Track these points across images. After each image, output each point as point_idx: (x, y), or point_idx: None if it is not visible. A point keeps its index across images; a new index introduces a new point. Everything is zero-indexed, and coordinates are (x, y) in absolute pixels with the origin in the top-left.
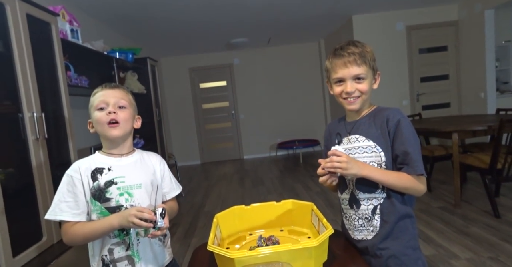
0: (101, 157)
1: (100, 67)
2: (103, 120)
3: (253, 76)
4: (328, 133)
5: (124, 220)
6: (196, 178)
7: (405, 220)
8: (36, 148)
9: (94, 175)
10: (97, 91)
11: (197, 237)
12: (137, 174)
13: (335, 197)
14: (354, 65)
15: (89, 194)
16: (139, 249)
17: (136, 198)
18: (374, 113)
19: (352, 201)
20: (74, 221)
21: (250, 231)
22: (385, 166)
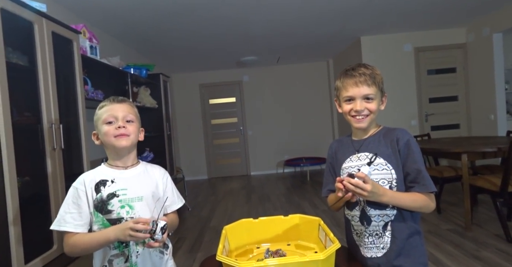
0: (105, 169)
1: (116, 82)
2: (111, 133)
3: (262, 93)
4: (333, 151)
5: (120, 234)
6: (203, 192)
7: (415, 237)
8: (53, 158)
9: (97, 187)
10: (104, 105)
11: (202, 252)
12: (139, 186)
13: (341, 216)
14: (364, 85)
15: (92, 206)
16: (138, 261)
17: (137, 211)
18: (383, 132)
19: (362, 218)
20: (75, 232)
21: (257, 244)
22: (396, 183)
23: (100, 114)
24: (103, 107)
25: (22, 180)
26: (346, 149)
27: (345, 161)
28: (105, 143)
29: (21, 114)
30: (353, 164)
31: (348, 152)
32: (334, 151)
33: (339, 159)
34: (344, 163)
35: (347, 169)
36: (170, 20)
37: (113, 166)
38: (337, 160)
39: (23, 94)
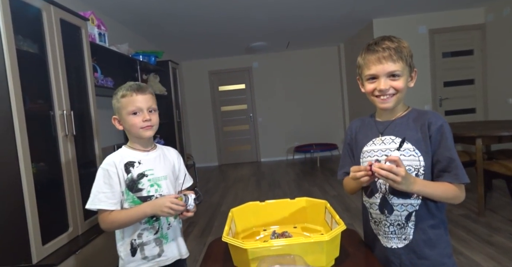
0: (130, 152)
1: (125, 69)
2: (139, 125)
3: (271, 79)
4: (353, 132)
5: (158, 209)
6: (214, 179)
7: (440, 227)
8: (65, 144)
9: (127, 168)
10: (126, 94)
11: (213, 236)
12: (162, 167)
13: (352, 201)
14: (389, 61)
15: (124, 185)
16: (168, 232)
17: (164, 188)
18: (413, 115)
19: (383, 206)
20: (111, 210)
21: (264, 226)
22: (423, 171)
23: (124, 104)
24: (125, 96)
25: (37, 166)
26: (368, 130)
27: (367, 144)
28: (131, 132)
29: (33, 102)
30: (376, 147)
31: (371, 134)
32: (354, 132)
33: (359, 141)
34: (365, 146)
35: (369, 153)
36: (177, 6)
37: (135, 149)
38: (357, 142)
39: (34, 82)
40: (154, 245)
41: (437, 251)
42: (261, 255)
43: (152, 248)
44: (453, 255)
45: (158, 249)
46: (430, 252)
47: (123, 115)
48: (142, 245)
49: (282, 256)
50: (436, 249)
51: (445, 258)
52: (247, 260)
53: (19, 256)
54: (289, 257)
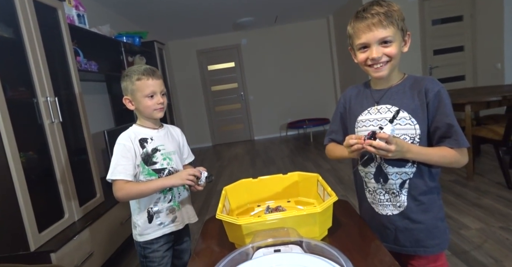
0: (142, 129)
1: (109, 52)
2: (153, 107)
3: (261, 56)
4: (346, 99)
5: (177, 180)
6: (208, 159)
7: (433, 193)
8: (52, 132)
9: (141, 143)
10: (142, 78)
11: (210, 214)
12: (170, 143)
13: (345, 174)
14: (379, 27)
15: (140, 159)
16: (180, 201)
17: (174, 162)
18: (409, 82)
19: (378, 175)
20: (127, 180)
21: (258, 202)
22: (418, 139)
23: (140, 87)
24: (141, 80)
25: (26, 155)
26: (364, 99)
27: (362, 113)
28: (143, 113)
29: (14, 89)
30: (371, 117)
31: (366, 103)
32: (348, 100)
33: (354, 110)
34: (360, 115)
35: (364, 122)
36: None
37: (146, 127)
38: (351, 111)
39: (13, 68)
40: (168, 212)
41: (431, 215)
42: (255, 230)
43: (166, 215)
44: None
45: (171, 216)
46: (424, 216)
47: (138, 97)
48: (158, 212)
49: (276, 230)
50: (430, 214)
51: (438, 222)
52: (241, 235)
53: (17, 244)
54: (282, 230)
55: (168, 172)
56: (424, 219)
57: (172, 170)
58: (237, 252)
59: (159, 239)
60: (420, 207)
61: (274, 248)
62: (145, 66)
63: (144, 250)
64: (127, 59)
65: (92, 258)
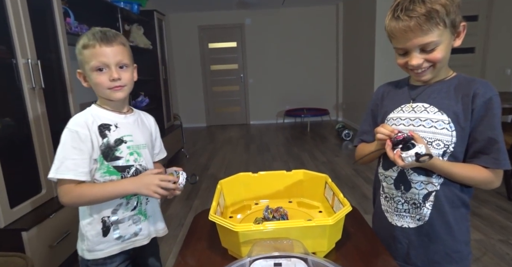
0: (104, 112)
1: (104, 17)
2: (105, 86)
3: (264, 38)
4: (379, 96)
5: (143, 188)
6: (201, 140)
7: (461, 211)
8: (33, 98)
9: (101, 131)
10: (89, 44)
11: (199, 199)
12: (141, 134)
13: (341, 168)
14: (418, 33)
15: (98, 151)
16: (147, 208)
17: (144, 158)
18: (457, 82)
19: (399, 181)
20: (79, 181)
21: (256, 200)
22: (453, 149)
23: (86, 57)
24: (88, 47)
25: (2, 121)
26: (399, 95)
27: (394, 110)
28: (96, 92)
29: None
30: (403, 115)
31: (401, 100)
32: (381, 96)
33: (386, 106)
34: (392, 112)
35: (394, 120)
36: None
37: (109, 110)
38: (383, 108)
39: None
40: (131, 223)
41: (454, 237)
42: (253, 239)
43: (128, 226)
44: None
45: (134, 228)
46: (446, 236)
47: (87, 70)
48: (117, 223)
49: (278, 241)
50: (454, 235)
51: (462, 245)
52: (237, 243)
53: None
54: (286, 242)
55: (135, 172)
56: (446, 240)
57: (140, 169)
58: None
59: (114, 258)
60: (444, 226)
61: (274, 261)
62: (98, 29)
63: None
64: (124, 27)
65: (68, 238)
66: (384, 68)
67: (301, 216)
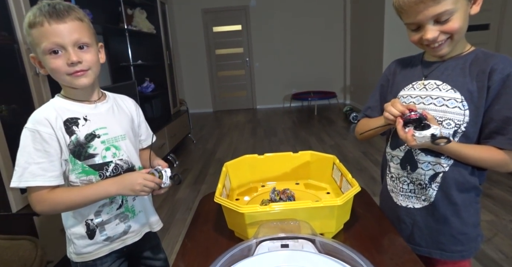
0: (69, 104)
1: (105, 1)
2: (63, 71)
3: (270, 20)
4: (391, 72)
5: (127, 189)
6: (208, 125)
7: (470, 194)
8: (37, 84)
9: (68, 127)
10: (35, 22)
11: (207, 184)
12: (118, 123)
13: (349, 151)
14: (429, 2)
15: (67, 152)
16: (134, 204)
17: (124, 151)
18: (473, 57)
19: (406, 161)
20: (51, 186)
21: (262, 182)
22: (464, 129)
23: (35, 38)
24: (35, 26)
25: (8, 108)
26: (411, 72)
27: (405, 87)
28: (56, 79)
29: None
30: (414, 92)
31: (412, 76)
32: (392, 72)
33: (397, 83)
34: (403, 89)
35: (405, 98)
36: None
37: (76, 100)
38: (394, 85)
39: None
40: (118, 222)
41: (462, 219)
42: (260, 220)
43: (116, 226)
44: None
45: (123, 226)
46: (452, 218)
47: (39, 55)
48: (102, 224)
49: (285, 222)
50: (461, 217)
51: (469, 228)
52: (243, 224)
53: None
54: (293, 223)
55: (115, 168)
56: (452, 222)
57: (120, 164)
58: (238, 248)
59: (105, 258)
60: (450, 208)
61: (281, 243)
62: (45, 2)
63: None
64: (126, 11)
65: None
66: (393, 48)
67: (308, 197)
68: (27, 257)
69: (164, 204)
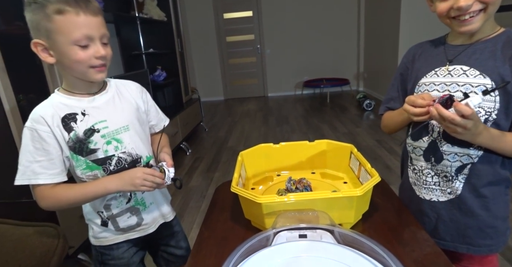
0: (66, 100)
1: None
2: (87, 64)
3: (281, 6)
4: (410, 59)
5: (126, 184)
6: (220, 114)
7: (500, 187)
8: (52, 73)
9: (66, 124)
10: (66, 10)
11: (220, 172)
12: (119, 114)
13: (362, 140)
14: None
15: (67, 149)
16: (145, 196)
17: (127, 143)
18: (505, 38)
19: (430, 152)
20: (53, 184)
21: (277, 171)
22: (495, 116)
23: (63, 26)
24: (64, 13)
25: (26, 97)
26: (433, 57)
27: (427, 74)
28: (71, 71)
29: (8, 23)
30: (437, 80)
31: (435, 62)
32: (412, 59)
33: (418, 69)
34: (424, 77)
35: (427, 86)
36: None
37: (75, 94)
38: (413, 71)
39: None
40: (130, 215)
41: (489, 211)
42: (277, 210)
43: (127, 218)
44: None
45: (135, 219)
46: (480, 211)
47: (61, 43)
48: (113, 217)
49: (303, 212)
50: (489, 209)
51: (498, 221)
52: (260, 214)
53: (19, 192)
54: (311, 213)
55: (118, 161)
56: (480, 215)
57: (124, 157)
58: (257, 239)
59: (121, 244)
60: (478, 200)
61: (299, 233)
62: None
63: (102, 256)
64: None
65: None
66: (411, 32)
67: (325, 187)
68: (50, 244)
69: (177, 192)
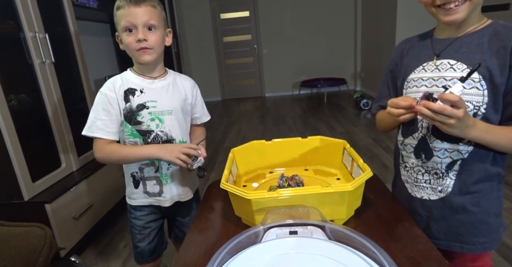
0: (133, 77)
1: None
2: (132, 47)
3: (278, 6)
4: (398, 55)
5: (168, 155)
6: (217, 114)
7: (492, 182)
8: (44, 73)
9: (126, 95)
10: (120, 5)
11: (216, 172)
12: (169, 99)
13: (360, 139)
14: None
15: (122, 115)
16: (168, 173)
17: (167, 125)
18: (492, 31)
19: (420, 149)
20: (109, 139)
21: (270, 168)
22: (484, 111)
23: (118, 18)
24: (120, 8)
25: (17, 97)
26: (421, 51)
27: (415, 69)
28: (129, 53)
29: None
30: (425, 75)
31: (422, 57)
32: (400, 55)
33: (406, 65)
34: (412, 72)
35: (415, 81)
36: None
37: (140, 74)
38: (402, 68)
39: None
40: (155, 182)
41: (482, 208)
42: (267, 206)
43: (153, 185)
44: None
45: (158, 188)
46: (472, 207)
47: (120, 32)
48: (144, 179)
49: (293, 208)
50: (481, 206)
51: (491, 217)
52: (250, 211)
53: (10, 193)
54: (302, 209)
55: (155, 137)
56: (472, 212)
57: (160, 135)
58: (245, 235)
59: (143, 208)
60: (470, 197)
61: (290, 229)
62: None
63: (129, 213)
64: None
65: (91, 210)
66: (407, 31)
67: (318, 183)
68: (36, 244)
69: None
